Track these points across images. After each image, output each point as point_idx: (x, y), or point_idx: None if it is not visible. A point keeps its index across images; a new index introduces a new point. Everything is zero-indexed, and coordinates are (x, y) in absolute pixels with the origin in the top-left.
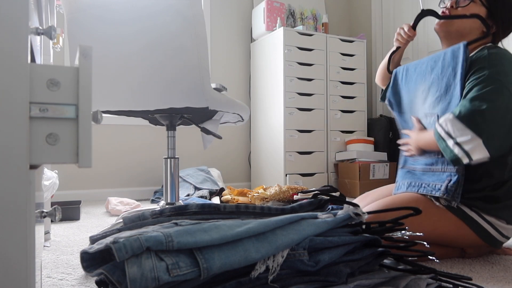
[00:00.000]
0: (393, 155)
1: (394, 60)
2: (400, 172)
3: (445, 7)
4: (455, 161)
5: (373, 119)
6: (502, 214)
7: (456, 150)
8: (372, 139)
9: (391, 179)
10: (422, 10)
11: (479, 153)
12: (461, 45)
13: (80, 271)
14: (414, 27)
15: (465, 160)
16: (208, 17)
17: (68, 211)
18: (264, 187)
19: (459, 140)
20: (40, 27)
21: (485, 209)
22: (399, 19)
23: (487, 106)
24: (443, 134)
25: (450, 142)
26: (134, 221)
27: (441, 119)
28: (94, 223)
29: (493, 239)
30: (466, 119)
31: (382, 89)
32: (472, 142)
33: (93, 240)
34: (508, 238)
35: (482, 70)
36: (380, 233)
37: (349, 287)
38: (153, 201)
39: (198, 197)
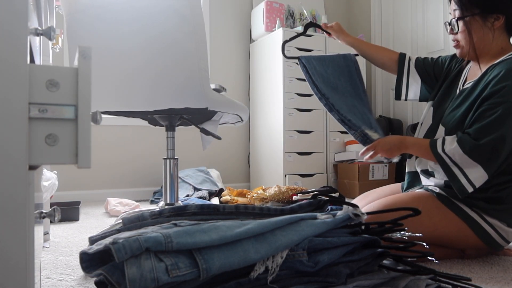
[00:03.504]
0: None
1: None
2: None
3: (454, 40)
4: (462, 192)
5: None
6: (503, 216)
7: (463, 181)
8: None
9: (390, 179)
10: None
11: (482, 180)
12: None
13: (80, 272)
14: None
15: (470, 190)
16: (208, 18)
17: (67, 211)
18: (264, 187)
19: (467, 172)
20: (40, 28)
21: (487, 209)
22: (398, 19)
23: (499, 143)
24: (448, 161)
25: (456, 171)
26: (134, 222)
27: (448, 148)
28: (94, 223)
29: (493, 242)
30: (475, 155)
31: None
32: (478, 174)
33: (92, 240)
34: (508, 242)
35: (504, 94)
36: (379, 233)
37: (349, 287)
38: (152, 202)
39: (198, 197)
